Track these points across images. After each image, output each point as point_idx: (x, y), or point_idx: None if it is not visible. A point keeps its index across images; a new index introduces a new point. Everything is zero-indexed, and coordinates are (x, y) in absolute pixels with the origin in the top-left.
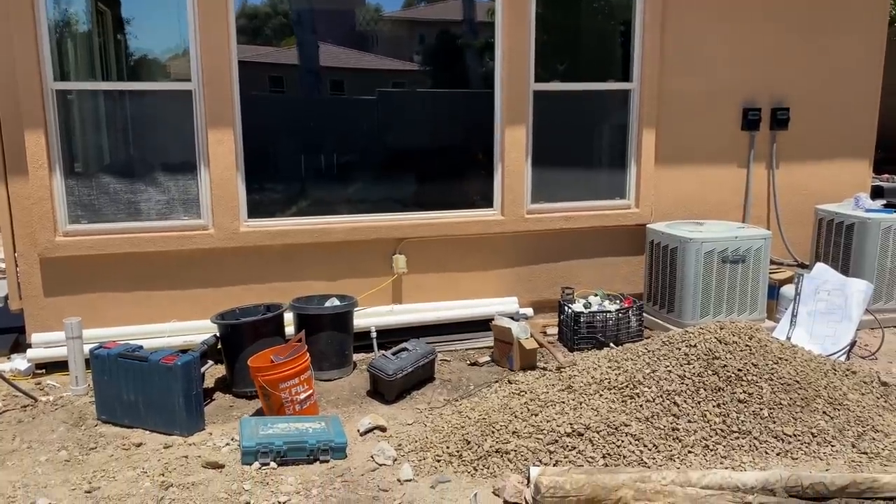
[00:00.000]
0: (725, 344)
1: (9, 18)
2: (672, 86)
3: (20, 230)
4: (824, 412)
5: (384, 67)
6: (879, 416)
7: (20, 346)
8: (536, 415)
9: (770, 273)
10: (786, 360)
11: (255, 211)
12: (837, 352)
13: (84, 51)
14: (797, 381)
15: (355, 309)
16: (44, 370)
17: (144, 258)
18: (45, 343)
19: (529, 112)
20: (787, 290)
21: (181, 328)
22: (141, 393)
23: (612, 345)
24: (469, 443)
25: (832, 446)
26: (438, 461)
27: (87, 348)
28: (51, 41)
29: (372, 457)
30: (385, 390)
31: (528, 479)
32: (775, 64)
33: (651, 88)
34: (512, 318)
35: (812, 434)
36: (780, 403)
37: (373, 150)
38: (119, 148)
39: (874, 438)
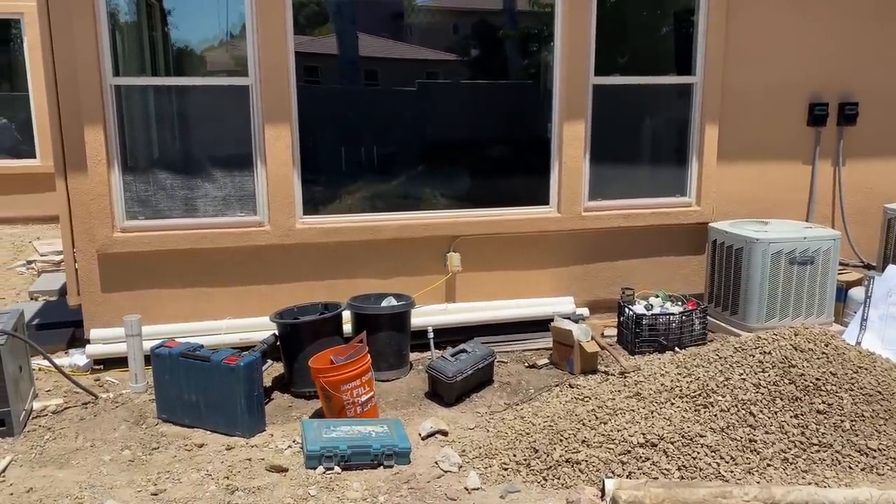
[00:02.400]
0: (801, 351)
1: (70, 13)
2: (735, 80)
3: (79, 226)
4: None
5: (443, 58)
6: None
7: (76, 340)
8: (605, 423)
9: (838, 275)
10: (866, 369)
11: (309, 208)
12: None
13: (137, 45)
14: (879, 392)
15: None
16: (102, 366)
17: (201, 254)
18: (103, 339)
19: (588, 106)
20: (857, 292)
21: (237, 325)
22: (202, 393)
23: (676, 349)
24: (537, 451)
25: None
26: (505, 469)
27: (146, 345)
28: (110, 37)
29: (436, 463)
30: (444, 393)
31: (603, 491)
32: (844, 56)
33: (714, 82)
34: (570, 319)
35: None
36: (862, 415)
37: (426, 145)
38: (175, 144)
39: None
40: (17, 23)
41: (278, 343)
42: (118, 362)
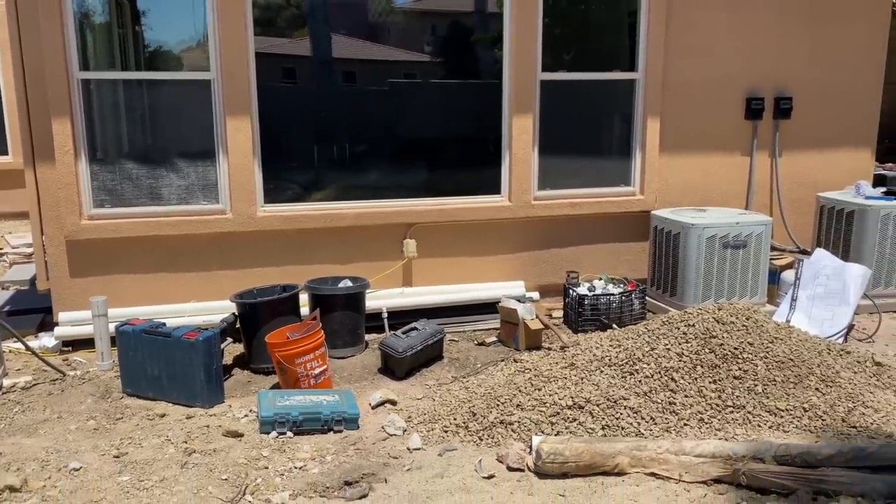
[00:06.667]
0: (723, 324)
1: (37, 10)
2: (676, 76)
3: (47, 214)
4: (817, 389)
5: (395, 59)
6: (871, 393)
7: (46, 325)
8: (540, 389)
9: (772, 259)
10: (781, 339)
11: (270, 197)
12: (835, 334)
13: (105, 41)
14: (791, 360)
15: (367, 291)
16: (70, 347)
17: (165, 241)
18: (71, 321)
19: (536, 101)
20: (788, 274)
21: (200, 308)
22: (164, 367)
23: (615, 326)
24: (475, 415)
25: (823, 420)
26: (446, 432)
27: (112, 326)
28: (76, 32)
29: (383, 427)
30: (395, 367)
31: (531, 447)
32: (778, 53)
33: (655, 78)
34: (518, 301)
35: (804, 409)
36: (774, 380)
37: (384, 138)
38: (140, 135)
39: (864, 413)
40: None
41: (238, 323)
42: (85, 343)
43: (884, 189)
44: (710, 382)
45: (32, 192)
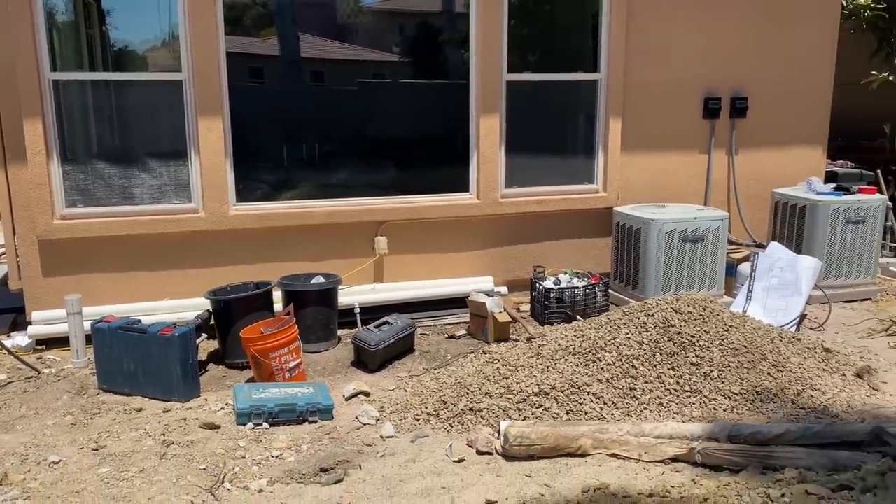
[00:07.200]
0: (680, 313)
1: (7, 9)
2: (637, 77)
3: (19, 214)
4: (768, 373)
5: (365, 58)
6: (819, 377)
7: (18, 325)
8: (507, 378)
9: (729, 253)
10: (735, 327)
11: (242, 195)
12: (788, 323)
13: (76, 42)
14: (745, 347)
15: (339, 287)
16: (44, 346)
17: (138, 240)
18: (44, 320)
19: (503, 101)
20: (744, 267)
21: (174, 306)
22: (140, 363)
23: (579, 318)
24: (446, 403)
25: (774, 403)
26: (417, 420)
27: (86, 324)
28: (47, 33)
29: (356, 417)
30: (368, 360)
31: (499, 431)
32: (735, 55)
33: (617, 79)
34: (487, 295)
35: (756, 392)
36: (729, 366)
37: (354, 137)
38: (113, 135)
39: (812, 396)
40: None
41: (212, 320)
42: (59, 342)
43: (834, 185)
44: (668, 369)
45: (4, 193)
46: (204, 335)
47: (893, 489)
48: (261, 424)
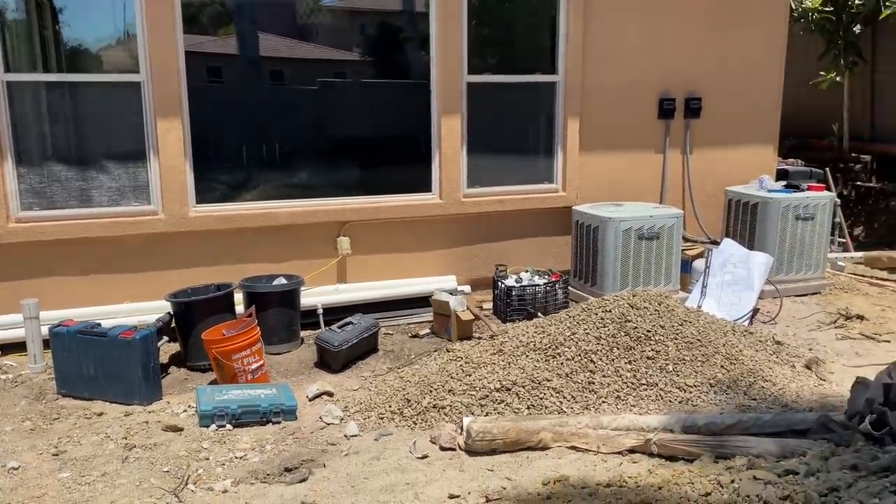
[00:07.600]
0: (637, 309)
1: None
2: (594, 78)
3: None
4: (722, 366)
5: (325, 57)
6: (770, 368)
7: None
8: (470, 375)
9: (685, 250)
10: (690, 322)
11: (202, 197)
12: (742, 317)
13: (31, 42)
14: (699, 340)
15: (302, 288)
16: (0, 351)
17: (97, 243)
18: (0, 325)
19: (464, 102)
20: (699, 263)
21: (134, 309)
22: (101, 367)
23: (540, 315)
24: (409, 401)
25: (727, 394)
26: (381, 418)
27: (44, 329)
28: (1, 33)
29: (320, 417)
30: (332, 361)
31: (462, 427)
32: (688, 57)
33: (574, 81)
34: (451, 294)
35: (710, 384)
36: (684, 359)
37: (315, 137)
38: (69, 137)
39: (763, 387)
40: None
41: (173, 323)
42: (15, 347)
43: (785, 183)
44: (625, 363)
45: None
46: (165, 338)
47: (835, 471)
48: (224, 426)
